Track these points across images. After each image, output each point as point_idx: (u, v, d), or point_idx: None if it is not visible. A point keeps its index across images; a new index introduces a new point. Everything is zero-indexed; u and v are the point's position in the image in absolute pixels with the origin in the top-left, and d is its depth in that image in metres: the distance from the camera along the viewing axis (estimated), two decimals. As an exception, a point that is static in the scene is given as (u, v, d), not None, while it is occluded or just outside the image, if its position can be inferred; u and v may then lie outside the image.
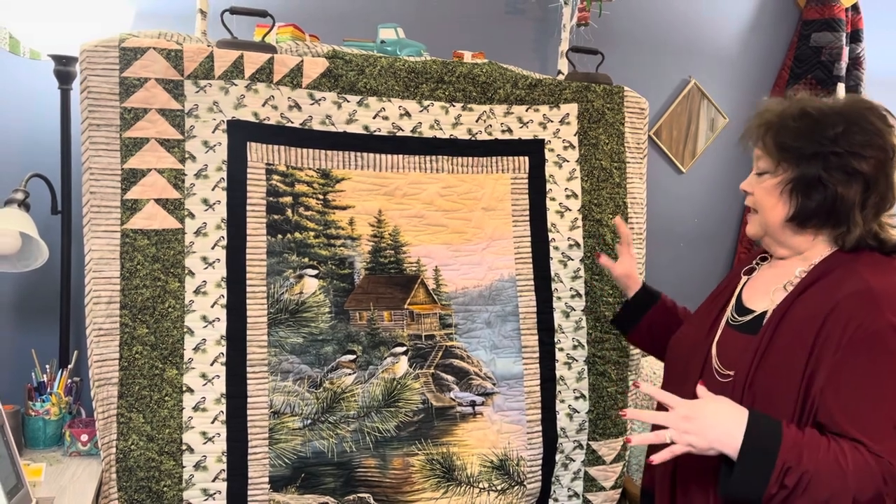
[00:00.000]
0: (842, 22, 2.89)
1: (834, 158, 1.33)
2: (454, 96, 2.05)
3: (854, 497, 1.17)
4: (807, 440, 1.20)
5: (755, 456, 1.19)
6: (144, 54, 1.77)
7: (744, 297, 1.47)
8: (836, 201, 1.33)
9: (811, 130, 1.35)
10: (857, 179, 1.32)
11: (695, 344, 1.48)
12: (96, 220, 1.74)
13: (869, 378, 1.21)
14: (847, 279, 1.29)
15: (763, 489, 1.18)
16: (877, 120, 1.35)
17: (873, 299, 1.24)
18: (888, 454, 1.18)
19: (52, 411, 1.96)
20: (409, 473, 1.95)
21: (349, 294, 1.95)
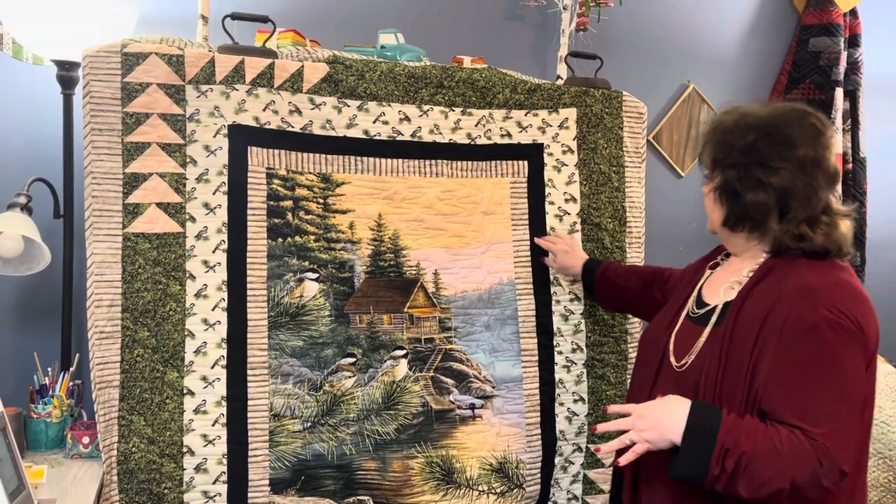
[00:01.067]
0: (840, 27, 2.90)
1: (744, 169, 1.42)
2: (454, 101, 2.07)
3: (791, 478, 1.25)
4: (745, 425, 1.29)
5: (697, 440, 1.29)
6: (146, 59, 1.78)
7: (703, 292, 1.56)
8: (749, 209, 1.42)
9: (728, 142, 1.44)
10: (766, 189, 1.39)
11: (657, 335, 1.58)
12: (98, 224, 1.75)
13: (804, 368, 1.29)
14: (788, 277, 1.37)
15: (706, 470, 1.28)
16: (795, 131, 1.40)
17: (810, 294, 1.31)
18: (822, 438, 1.25)
19: (54, 414, 1.96)
20: (408, 476, 1.96)
21: (349, 297, 1.96)
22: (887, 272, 3.27)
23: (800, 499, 1.27)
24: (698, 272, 1.65)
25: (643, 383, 1.55)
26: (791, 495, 1.26)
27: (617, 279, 2.00)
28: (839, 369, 1.29)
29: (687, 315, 1.54)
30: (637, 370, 1.67)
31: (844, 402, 1.29)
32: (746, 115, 1.46)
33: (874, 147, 3.11)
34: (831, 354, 1.29)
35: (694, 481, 1.31)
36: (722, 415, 1.31)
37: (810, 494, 1.27)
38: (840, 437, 1.27)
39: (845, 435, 1.27)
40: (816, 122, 1.42)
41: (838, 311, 1.29)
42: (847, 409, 1.29)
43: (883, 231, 3.21)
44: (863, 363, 1.32)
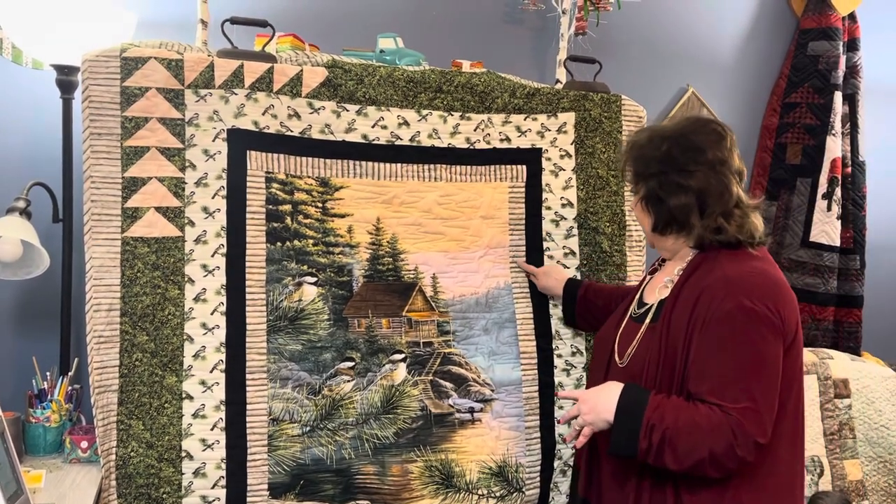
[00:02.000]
0: (839, 31, 2.90)
1: (663, 177, 1.57)
2: (452, 105, 2.07)
3: (710, 448, 1.39)
4: (669, 403, 1.45)
5: (626, 418, 1.46)
6: (145, 64, 1.78)
7: (644, 294, 1.72)
8: (673, 211, 1.57)
9: (646, 155, 1.60)
10: (686, 192, 1.55)
11: (606, 336, 1.73)
12: (97, 228, 1.75)
13: (721, 351, 1.44)
14: (710, 271, 1.52)
15: (636, 444, 1.44)
16: (699, 137, 1.57)
17: (727, 284, 1.46)
18: (737, 412, 1.40)
19: (53, 418, 1.96)
20: (407, 480, 1.95)
21: (348, 301, 1.96)
22: (887, 276, 3.27)
23: (720, 467, 1.41)
24: (643, 279, 1.82)
25: (596, 380, 1.68)
26: (711, 464, 1.40)
27: (597, 300, 2.02)
28: (753, 352, 1.43)
29: (629, 315, 1.70)
30: (592, 368, 1.81)
31: (758, 381, 1.42)
32: (657, 130, 1.63)
33: (873, 151, 3.11)
34: (745, 338, 1.43)
35: (628, 456, 1.47)
36: (649, 395, 1.47)
37: (729, 463, 1.41)
38: (753, 412, 1.41)
39: (759, 410, 1.41)
40: (718, 128, 1.59)
41: (752, 299, 1.43)
42: (761, 388, 1.42)
43: (882, 234, 3.21)
44: (779, 345, 1.45)
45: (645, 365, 1.55)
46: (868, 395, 2.51)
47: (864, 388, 2.51)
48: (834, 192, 2.92)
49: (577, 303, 2.05)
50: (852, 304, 3.01)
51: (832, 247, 2.94)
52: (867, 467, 2.46)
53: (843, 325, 3.02)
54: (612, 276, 2.21)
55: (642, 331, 1.61)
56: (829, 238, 2.93)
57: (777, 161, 3.00)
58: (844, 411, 2.48)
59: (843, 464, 2.45)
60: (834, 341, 3.01)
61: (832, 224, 2.93)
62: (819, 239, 2.94)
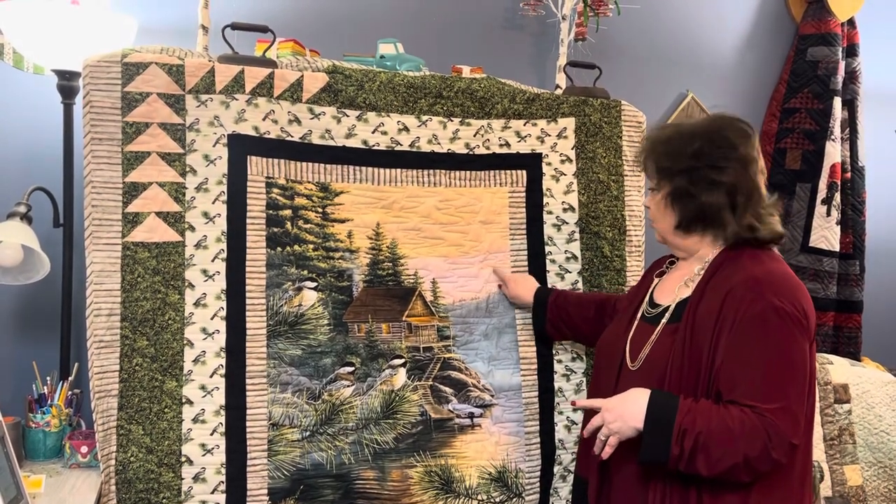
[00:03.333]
0: (838, 36, 2.91)
1: (695, 172, 1.55)
2: (452, 111, 2.08)
3: (744, 453, 1.37)
4: (700, 407, 1.42)
5: (657, 424, 1.42)
6: (146, 69, 1.79)
7: (655, 295, 1.69)
8: (705, 208, 1.55)
9: (675, 150, 1.58)
10: (719, 187, 1.53)
11: (614, 340, 1.69)
12: (98, 233, 1.76)
13: (754, 352, 1.42)
14: (735, 272, 1.51)
15: (668, 451, 1.40)
16: (731, 134, 1.56)
17: (756, 285, 1.46)
18: (771, 414, 1.38)
19: (53, 423, 1.96)
20: (407, 485, 1.95)
21: (348, 306, 1.96)
22: (887, 281, 3.27)
23: (753, 471, 1.40)
24: (645, 282, 1.79)
25: (606, 386, 1.65)
26: (745, 469, 1.39)
27: (568, 307, 2.01)
28: (786, 352, 1.42)
29: (641, 317, 1.67)
30: (598, 375, 1.77)
31: (791, 382, 1.42)
32: (683, 126, 1.62)
33: (872, 156, 3.11)
34: (778, 339, 1.42)
35: (659, 463, 1.44)
36: (679, 400, 1.44)
37: (762, 467, 1.39)
38: (788, 412, 1.39)
39: (793, 411, 1.40)
40: (745, 126, 1.59)
41: (782, 299, 1.43)
42: (794, 388, 1.42)
43: (882, 240, 3.22)
44: (806, 345, 1.45)
45: (665, 366, 1.52)
46: (868, 401, 2.51)
47: (864, 393, 2.51)
48: (833, 198, 2.93)
49: (547, 309, 2.02)
50: (852, 310, 3.02)
51: (832, 252, 2.94)
52: (867, 472, 2.46)
53: (843, 330, 3.02)
54: (612, 281, 2.21)
55: (658, 331, 1.58)
56: (828, 243, 2.94)
57: (776, 166, 3.00)
58: (844, 416, 2.48)
59: (844, 469, 2.44)
60: (834, 346, 3.01)
61: (832, 229, 2.94)
62: (819, 244, 2.94)
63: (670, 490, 1.49)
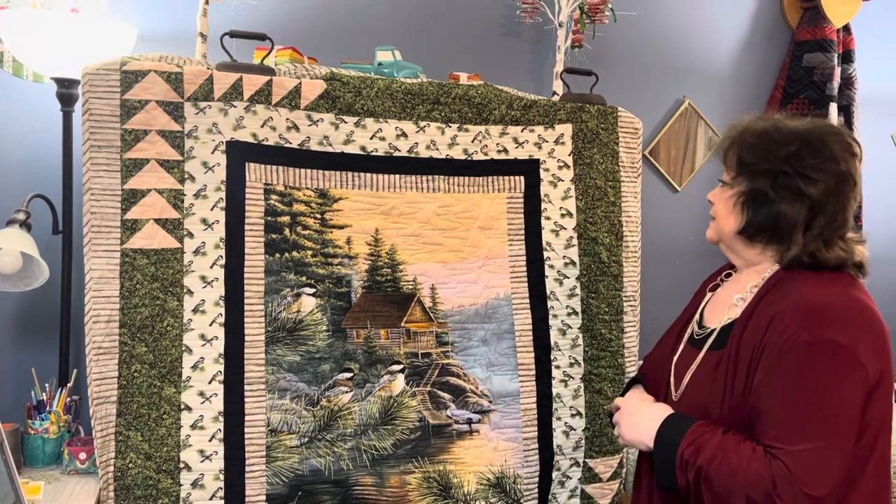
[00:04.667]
0: (833, 43, 2.93)
1: (782, 177, 1.36)
2: (450, 117, 2.08)
3: (746, 495, 1.23)
4: (711, 440, 1.29)
5: (663, 449, 1.34)
6: (145, 77, 1.80)
7: (705, 315, 1.53)
8: (779, 219, 1.37)
9: (766, 148, 1.38)
10: (802, 200, 1.35)
11: (661, 362, 1.56)
12: (96, 240, 1.76)
13: (790, 385, 1.26)
14: (787, 293, 1.33)
15: (675, 479, 1.31)
16: (835, 146, 1.36)
17: (806, 311, 1.28)
18: (789, 457, 1.22)
19: (51, 429, 1.96)
20: (405, 491, 1.95)
21: (346, 312, 1.97)
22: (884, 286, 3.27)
23: None
24: (699, 296, 1.63)
25: None
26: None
27: None
28: (827, 390, 1.24)
29: (688, 339, 1.51)
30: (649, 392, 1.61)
31: (826, 425, 1.23)
32: (783, 123, 1.41)
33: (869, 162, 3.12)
34: (820, 375, 1.24)
35: (673, 490, 1.34)
36: (690, 426, 1.33)
37: None
38: (812, 459, 1.21)
39: (819, 458, 1.21)
40: (852, 142, 1.39)
41: (833, 332, 1.24)
42: (828, 433, 1.23)
43: (879, 245, 3.22)
44: (858, 387, 1.25)
45: (706, 398, 1.37)
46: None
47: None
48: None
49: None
50: (850, 315, 3.01)
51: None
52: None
53: (841, 336, 3.02)
54: (609, 286, 2.21)
55: (700, 357, 1.42)
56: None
57: (773, 172, 3.01)
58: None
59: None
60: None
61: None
62: (816, 249, 2.95)
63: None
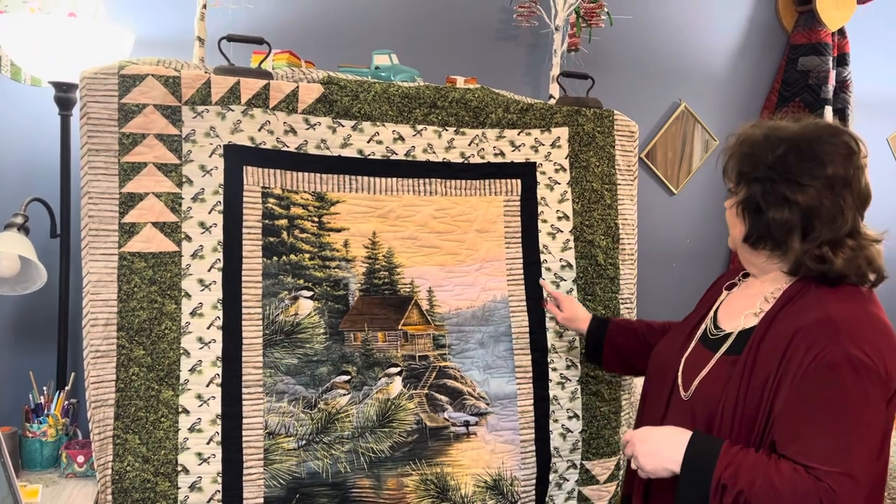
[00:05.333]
0: (828, 46, 2.94)
1: (769, 184, 1.36)
2: (447, 121, 2.09)
3: None
4: (745, 460, 1.25)
5: (694, 474, 1.27)
6: (143, 81, 1.80)
7: (719, 315, 1.52)
8: (770, 225, 1.37)
9: (754, 154, 1.39)
10: (792, 206, 1.34)
11: (669, 358, 1.53)
12: (94, 244, 1.77)
13: (821, 405, 1.24)
14: (810, 307, 1.32)
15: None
16: (823, 149, 1.34)
17: (833, 329, 1.26)
18: (830, 479, 1.20)
19: (49, 433, 1.97)
20: (403, 494, 1.96)
21: (344, 315, 1.97)
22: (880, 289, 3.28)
23: None
24: (713, 293, 1.61)
25: (655, 410, 1.51)
26: None
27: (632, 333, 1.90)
28: (857, 411, 1.23)
29: (701, 338, 1.50)
30: (647, 393, 1.62)
31: (859, 446, 1.22)
32: (777, 128, 1.40)
33: (864, 164, 3.13)
34: (851, 395, 1.23)
35: None
36: (721, 448, 1.28)
37: None
38: (849, 480, 1.20)
39: (855, 479, 1.21)
40: (850, 141, 1.36)
41: (861, 350, 1.24)
42: (860, 453, 1.22)
43: (874, 247, 3.23)
44: (883, 405, 1.25)
45: (719, 403, 1.35)
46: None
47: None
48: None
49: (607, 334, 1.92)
50: (846, 317, 3.02)
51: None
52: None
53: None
54: (606, 289, 2.22)
55: (714, 361, 1.41)
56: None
57: (769, 175, 3.02)
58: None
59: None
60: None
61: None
62: (812, 252, 2.95)
63: None
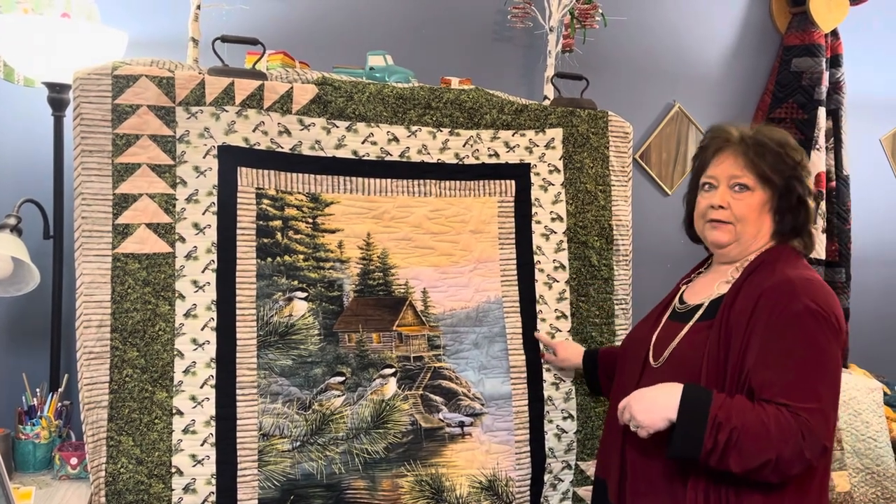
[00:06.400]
0: (822, 47, 2.95)
1: (797, 181, 1.60)
2: (441, 122, 2.09)
3: (778, 451, 1.37)
4: (735, 403, 1.42)
5: (691, 416, 1.41)
6: (137, 82, 1.80)
7: (685, 296, 1.71)
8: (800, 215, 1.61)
9: (783, 156, 1.60)
10: (810, 197, 1.61)
11: (640, 338, 1.72)
12: (88, 245, 1.76)
13: (790, 351, 1.43)
14: (772, 274, 1.53)
15: (700, 445, 1.39)
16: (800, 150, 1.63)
17: (792, 288, 1.47)
18: (806, 413, 1.38)
19: (42, 435, 1.96)
20: (398, 495, 1.95)
21: (338, 316, 1.97)
22: (872, 289, 3.30)
23: (783, 472, 1.39)
24: (675, 290, 1.80)
25: (630, 377, 1.67)
26: (776, 468, 1.38)
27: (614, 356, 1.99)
28: (821, 353, 1.43)
29: (670, 316, 1.69)
30: (621, 373, 1.77)
31: (825, 383, 1.42)
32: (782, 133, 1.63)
33: (857, 165, 3.15)
34: (813, 340, 1.43)
35: (690, 457, 1.42)
36: (713, 393, 1.43)
37: (794, 467, 1.38)
38: (822, 414, 1.39)
39: (826, 413, 1.40)
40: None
41: (816, 303, 1.45)
42: (828, 390, 1.42)
43: (868, 249, 3.25)
44: (839, 349, 1.46)
45: (695, 362, 1.52)
46: (855, 407, 2.53)
47: (851, 399, 2.53)
48: (819, 206, 2.95)
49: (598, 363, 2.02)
50: (839, 317, 3.04)
51: (818, 260, 2.97)
52: (855, 479, 2.48)
53: (830, 338, 3.04)
54: (599, 290, 2.23)
55: (687, 329, 1.60)
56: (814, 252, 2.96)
57: (763, 175, 3.03)
58: (832, 423, 2.50)
59: (832, 475, 2.46)
60: (821, 353, 3.03)
61: (817, 238, 2.96)
62: (805, 252, 2.97)
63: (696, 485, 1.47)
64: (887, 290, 3.36)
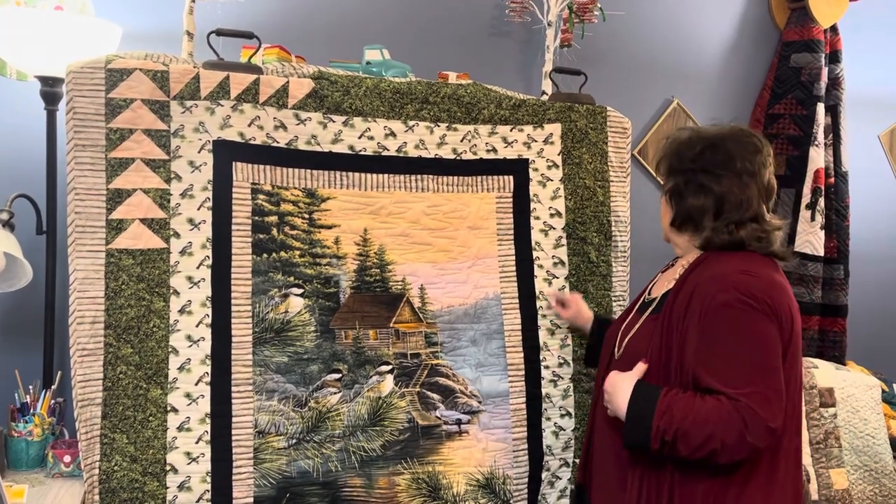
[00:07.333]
0: (821, 43, 2.94)
1: (690, 175, 1.63)
2: (439, 116, 2.08)
3: (721, 439, 1.42)
4: (676, 402, 1.48)
5: (637, 419, 1.50)
6: (130, 75, 1.78)
7: (653, 290, 1.78)
8: (689, 209, 1.63)
9: (679, 151, 1.67)
10: (708, 193, 1.60)
11: (614, 330, 1.79)
12: (81, 240, 1.74)
13: (720, 340, 1.49)
14: (708, 268, 1.58)
15: (648, 444, 1.48)
16: (733, 146, 1.61)
17: (724, 279, 1.52)
18: (745, 398, 1.43)
19: (35, 432, 1.94)
20: (394, 493, 1.94)
21: (335, 313, 1.95)
22: (870, 285, 3.30)
23: (731, 456, 1.44)
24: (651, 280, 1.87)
25: (601, 366, 1.78)
26: (723, 453, 1.43)
27: None
28: (751, 336, 1.47)
29: (638, 308, 1.76)
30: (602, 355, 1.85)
31: (760, 365, 1.46)
32: (698, 131, 1.69)
33: (856, 161, 3.14)
34: (744, 327, 1.47)
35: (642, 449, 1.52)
36: (659, 396, 1.50)
37: (740, 452, 1.44)
38: (760, 396, 1.44)
39: (766, 394, 1.44)
40: (756, 141, 1.63)
41: (747, 291, 1.48)
42: (763, 371, 1.46)
43: (866, 245, 3.24)
44: (774, 328, 1.48)
45: (642, 353, 1.60)
46: (853, 404, 2.53)
47: (849, 396, 2.53)
48: (817, 203, 2.95)
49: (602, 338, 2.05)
50: (837, 314, 3.04)
51: (816, 256, 2.96)
52: (853, 476, 2.47)
53: (828, 335, 3.04)
54: (598, 286, 2.22)
55: (641, 321, 1.67)
56: (813, 248, 2.96)
57: (761, 172, 3.02)
58: (830, 420, 2.49)
59: (829, 472, 2.46)
60: (819, 350, 3.03)
61: (816, 234, 2.96)
62: (803, 249, 2.96)
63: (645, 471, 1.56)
64: (886, 286, 3.36)
